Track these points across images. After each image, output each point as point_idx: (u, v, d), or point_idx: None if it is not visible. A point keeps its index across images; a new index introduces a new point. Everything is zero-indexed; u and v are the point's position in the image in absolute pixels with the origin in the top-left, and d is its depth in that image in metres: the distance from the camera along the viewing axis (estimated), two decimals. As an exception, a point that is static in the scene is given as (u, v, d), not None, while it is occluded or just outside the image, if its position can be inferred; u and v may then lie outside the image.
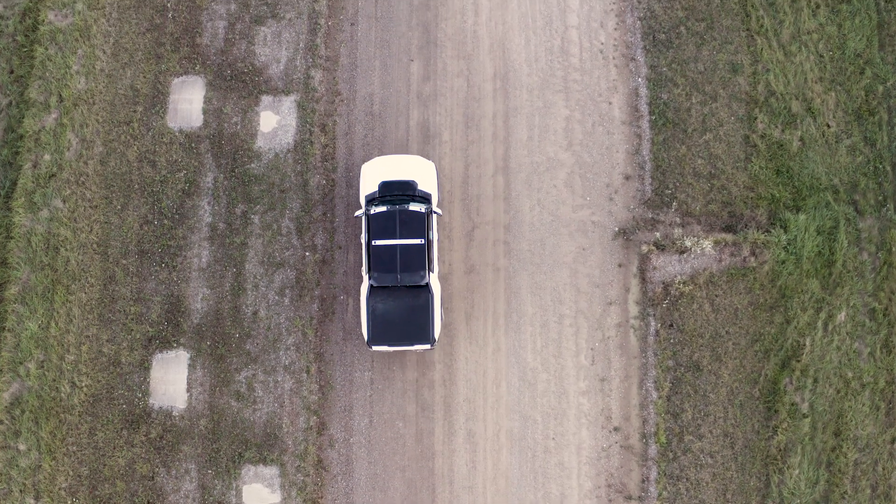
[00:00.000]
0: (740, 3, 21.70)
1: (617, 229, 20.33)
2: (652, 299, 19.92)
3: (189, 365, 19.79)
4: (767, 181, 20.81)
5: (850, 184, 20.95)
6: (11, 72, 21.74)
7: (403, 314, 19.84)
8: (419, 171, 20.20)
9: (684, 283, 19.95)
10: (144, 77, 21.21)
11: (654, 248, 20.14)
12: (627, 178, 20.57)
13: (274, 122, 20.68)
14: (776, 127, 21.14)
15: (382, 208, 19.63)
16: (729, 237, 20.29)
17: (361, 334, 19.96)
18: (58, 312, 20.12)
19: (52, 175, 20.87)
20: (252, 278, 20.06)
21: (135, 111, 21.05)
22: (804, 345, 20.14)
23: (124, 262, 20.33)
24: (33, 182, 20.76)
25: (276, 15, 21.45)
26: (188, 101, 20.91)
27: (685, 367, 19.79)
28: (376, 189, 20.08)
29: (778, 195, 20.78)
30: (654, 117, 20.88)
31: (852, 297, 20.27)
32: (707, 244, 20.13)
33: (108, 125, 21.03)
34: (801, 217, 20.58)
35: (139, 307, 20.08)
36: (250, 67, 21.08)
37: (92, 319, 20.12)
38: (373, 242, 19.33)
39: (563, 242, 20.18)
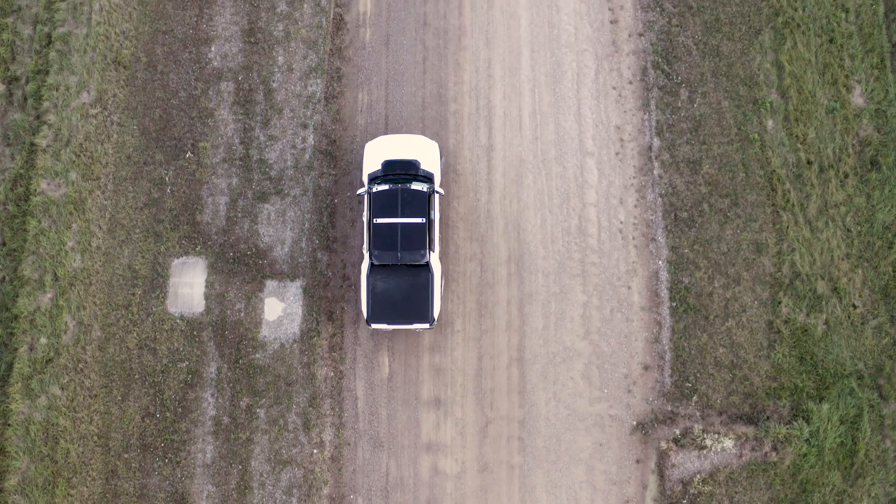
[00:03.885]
0: (766, 176, 25.38)
1: (635, 423, 24.07)
2: (670, 497, 23.70)
3: (194, 567, 23.48)
4: (790, 370, 24.54)
5: (874, 367, 24.73)
6: (3, 244, 25.47)
7: (403, 293, 24.33)
8: (422, 150, 25.27)
9: (703, 481, 23.74)
10: (143, 257, 24.84)
11: (672, 444, 23.82)
12: (646, 368, 24.29)
13: (279, 310, 24.35)
14: (801, 311, 24.85)
15: (385, 187, 24.41)
16: (750, 431, 24.03)
17: (361, 312, 25.03)
18: (57, 509, 23.82)
19: (49, 360, 24.55)
20: (258, 476, 23.76)
21: (133, 294, 24.70)
22: (827, 542, 23.92)
23: (126, 455, 24.03)
24: (30, 367, 24.44)
25: (279, 191, 25.11)
26: (189, 285, 24.57)
27: (704, 569, 23.56)
28: (379, 167, 24.98)
29: (801, 384, 24.56)
30: (674, 303, 24.59)
31: (873, 488, 24.13)
32: (728, 441, 23.85)
33: (106, 308, 24.66)
34: (825, 407, 24.34)
35: (142, 505, 23.80)
36: (254, 249, 24.75)
37: (93, 517, 23.80)
38: (374, 220, 24.18)
39: (580, 438, 23.92)
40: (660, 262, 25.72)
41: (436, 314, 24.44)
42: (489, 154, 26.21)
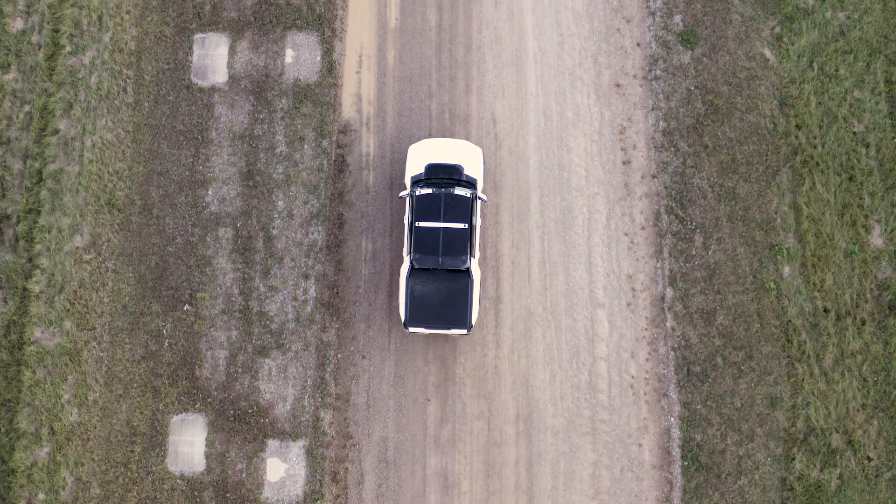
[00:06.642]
0: (782, 327, 27.10)
1: (645, 587, 26.03)
2: None
3: None
4: (805, 529, 26.47)
5: (893, 524, 26.72)
6: (-3, 395, 27.26)
7: (442, 297, 27.07)
8: (466, 155, 28.23)
9: None
10: (141, 413, 26.61)
11: None
12: (657, 529, 26.18)
13: (282, 471, 26.17)
14: (814, 466, 26.68)
15: (428, 190, 27.29)
16: None
17: (399, 316, 28.35)
18: None
19: (45, 520, 26.42)
20: None
21: (132, 451, 26.50)
22: None
23: None
24: (25, 527, 26.33)
25: (280, 346, 26.81)
26: (189, 444, 26.35)
27: None
28: (422, 171, 28.12)
29: (816, 544, 26.48)
30: (686, 462, 26.43)
31: None
32: None
33: (105, 465, 26.47)
34: (839, 569, 26.32)
35: None
36: (255, 407, 26.51)
37: None
38: (416, 224, 27.12)
39: None
40: (672, 419, 27.47)
41: (474, 320, 27.12)
42: (497, 306, 27.91)
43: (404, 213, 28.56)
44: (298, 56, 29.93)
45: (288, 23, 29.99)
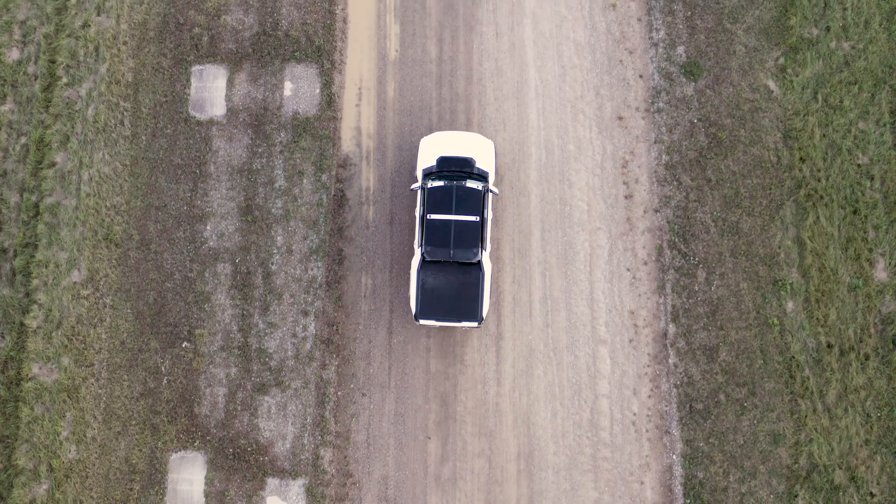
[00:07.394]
0: (785, 363, 27.26)
1: None
2: None
3: None
4: (808, 567, 26.68)
5: (897, 562, 26.89)
6: (-7, 432, 27.44)
7: (453, 290, 27.62)
8: (478, 148, 28.87)
9: None
10: (140, 450, 26.82)
11: None
12: (659, 568, 26.40)
13: (282, 510, 26.42)
14: (817, 503, 26.86)
15: (439, 183, 27.97)
16: None
17: (409, 308, 28.99)
18: None
19: (44, 559, 26.59)
20: None
21: (131, 489, 26.82)
22: None
23: None
24: (23, 566, 26.54)
25: (280, 383, 26.96)
26: (188, 482, 26.60)
27: None
28: (434, 163, 28.68)
29: (819, 582, 26.65)
30: (688, 500, 26.81)
31: None
32: None
33: (104, 503, 27.03)
34: None
35: None
36: (254, 445, 26.68)
37: None
38: (428, 216, 27.70)
39: None
40: (674, 457, 27.62)
41: (484, 313, 27.61)
42: (498, 343, 28.03)
43: (415, 206, 29.07)
44: (297, 89, 29.99)
45: (287, 55, 30.12)
